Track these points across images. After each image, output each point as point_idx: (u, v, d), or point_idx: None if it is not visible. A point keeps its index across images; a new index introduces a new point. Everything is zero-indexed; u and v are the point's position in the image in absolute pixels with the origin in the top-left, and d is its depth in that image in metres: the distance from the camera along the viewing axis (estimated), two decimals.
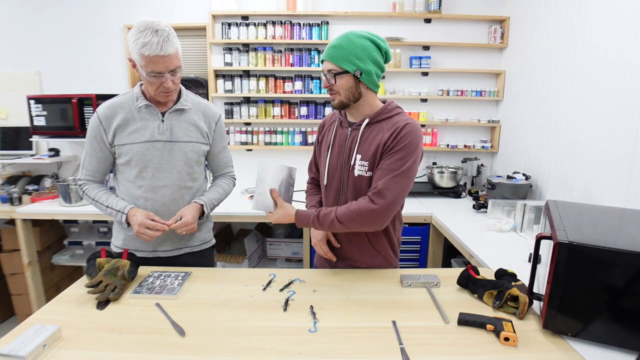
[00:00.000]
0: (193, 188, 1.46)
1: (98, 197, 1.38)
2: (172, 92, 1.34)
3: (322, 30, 2.82)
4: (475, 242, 1.79)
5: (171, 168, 1.40)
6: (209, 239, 1.58)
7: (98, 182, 1.43)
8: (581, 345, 0.93)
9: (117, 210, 1.34)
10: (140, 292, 1.16)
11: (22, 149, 2.92)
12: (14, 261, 2.54)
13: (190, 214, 1.36)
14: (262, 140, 2.98)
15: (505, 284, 1.11)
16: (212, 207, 1.48)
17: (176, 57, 1.27)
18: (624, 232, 1.06)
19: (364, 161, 1.26)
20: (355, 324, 1.02)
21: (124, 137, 1.35)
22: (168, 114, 1.39)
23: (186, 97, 1.45)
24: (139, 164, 1.36)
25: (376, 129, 1.26)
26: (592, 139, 1.88)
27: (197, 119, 1.45)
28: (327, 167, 1.35)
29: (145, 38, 1.19)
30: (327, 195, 1.38)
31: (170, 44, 1.22)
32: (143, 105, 1.36)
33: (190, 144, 1.42)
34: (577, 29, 2.01)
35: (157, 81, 1.27)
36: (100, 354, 0.89)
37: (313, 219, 1.24)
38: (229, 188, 1.59)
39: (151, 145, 1.36)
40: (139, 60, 1.23)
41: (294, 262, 2.80)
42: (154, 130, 1.36)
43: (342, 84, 1.21)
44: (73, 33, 2.92)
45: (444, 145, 2.96)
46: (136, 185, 1.38)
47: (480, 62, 2.92)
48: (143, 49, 1.19)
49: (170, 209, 1.41)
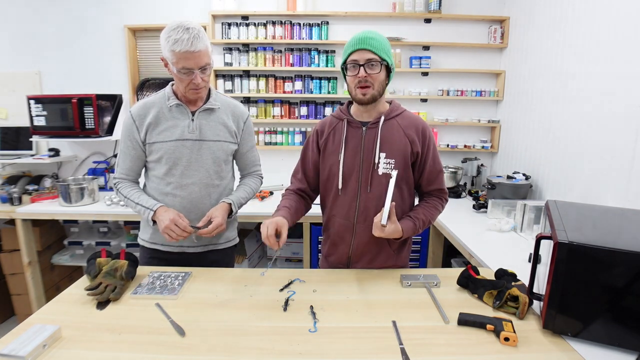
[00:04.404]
0: (220, 186, 1.49)
1: (130, 195, 1.40)
2: (202, 89, 1.36)
3: (322, 30, 2.82)
4: (475, 242, 1.79)
5: (199, 166, 1.42)
6: (233, 237, 1.61)
7: (132, 181, 1.46)
8: (581, 345, 0.93)
9: (146, 207, 1.37)
10: (140, 293, 1.16)
11: (22, 149, 2.93)
12: (14, 261, 2.54)
13: (220, 215, 1.38)
14: (262, 140, 2.98)
15: (505, 284, 1.11)
16: (239, 205, 1.50)
17: (206, 54, 1.31)
18: (624, 232, 1.06)
19: (390, 159, 1.27)
20: (355, 324, 1.02)
21: (155, 135, 1.39)
22: (198, 113, 1.41)
23: (216, 96, 1.47)
24: (168, 161, 1.40)
25: (391, 126, 1.29)
26: (592, 139, 1.88)
27: (226, 118, 1.47)
28: (342, 170, 1.31)
29: (177, 35, 1.24)
30: (343, 199, 1.33)
31: (200, 41, 1.27)
32: (174, 105, 1.40)
33: (218, 143, 1.45)
34: (577, 29, 2.01)
35: (188, 78, 1.30)
36: (100, 354, 0.89)
37: (416, 229, 1.30)
38: (256, 187, 1.61)
39: (181, 144, 1.39)
40: (171, 57, 1.27)
41: (294, 262, 2.80)
42: (184, 129, 1.40)
43: (379, 76, 1.22)
44: (73, 33, 2.92)
45: (444, 145, 2.96)
46: (165, 182, 1.42)
47: (480, 62, 2.92)
48: (174, 46, 1.24)
49: (198, 206, 1.44)
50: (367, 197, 1.30)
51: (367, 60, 1.19)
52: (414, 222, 1.30)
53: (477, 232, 1.96)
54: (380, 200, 1.29)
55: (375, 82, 1.21)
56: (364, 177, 1.29)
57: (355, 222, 1.33)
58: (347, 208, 1.33)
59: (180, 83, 1.34)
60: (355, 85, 1.22)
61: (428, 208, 1.36)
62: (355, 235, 1.35)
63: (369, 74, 1.20)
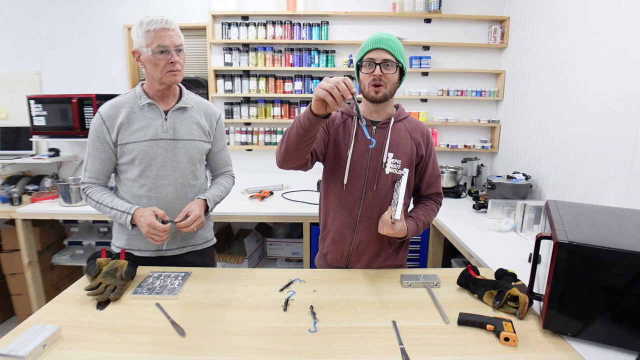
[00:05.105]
0: (196, 186, 1.47)
1: (102, 200, 1.35)
2: (179, 72, 1.34)
3: (322, 30, 2.82)
4: (475, 242, 1.79)
5: (175, 166, 1.40)
6: (211, 237, 1.59)
7: (101, 185, 1.41)
8: (581, 345, 0.93)
9: (122, 212, 1.32)
10: (141, 293, 1.16)
11: (22, 149, 2.93)
12: (14, 261, 2.53)
13: (198, 209, 1.36)
14: (262, 140, 2.98)
15: (505, 284, 1.11)
16: (214, 203, 1.48)
17: (180, 36, 1.33)
18: (624, 232, 1.06)
19: (397, 159, 1.29)
20: (355, 324, 1.02)
21: (127, 135, 1.35)
22: (171, 113, 1.39)
23: (187, 95, 1.46)
24: (142, 162, 1.36)
25: (399, 128, 1.33)
26: (592, 139, 1.88)
27: (199, 118, 1.45)
28: (349, 166, 1.31)
29: (150, 18, 1.27)
30: (347, 196, 1.33)
31: (173, 22, 1.31)
32: (146, 104, 1.37)
33: (193, 142, 1.43)
34: (577, 29, 2.01)
35: (164, 58, 1.29)
36: (100, 354, 0.89)
37: (418, 230, 1.33)
38: (229, 186, 1.59)
39: (155, 144, 1.36)
40: (145, 39, 1.27)
41: (294, 262, 2.80)
42: (158, 128, 1.37)
43: (393, 77, 1.25)
44: (73, 33, 2.92)
45: (444, 145, 2.96)
46: (139, 184, 1.38)
47: (480, 62, 2.92)
48: (149, 25, 1.26)
49: (174, 207, 1.40)
50: (372, 195, 1.31)
51: (384, 60, 1.22)
52: (416, 223, 1.32)
53: (477, 232, 1.96)
54: (385, 199, 1.31)
55: (388, 82, 1.24)
56: (371, 175, 1.30)
57: (358, 220, 1.34)
58: (351, 205, 1.33)
59: (155, 69, 1.30)
60: (369, 83, 1.24)
61: (427, 210, 1.39)
62: (357, 233, 1.35)
63: (384, 74, 1.22)
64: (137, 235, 1.40)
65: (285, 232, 2.97)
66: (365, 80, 1.25)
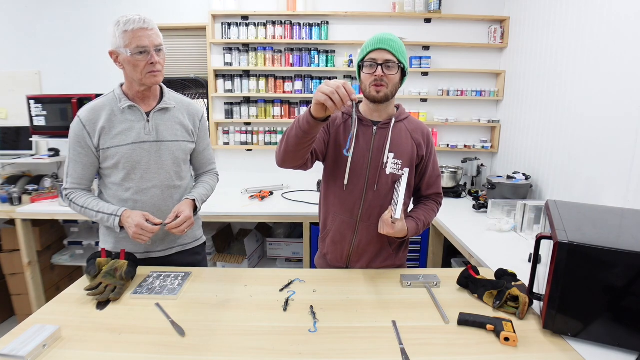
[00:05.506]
0: (181, 187, 1.45)
1: (87, 204, 1.32)
2: (159, 73, 1.31)
3: (322, 30, 2.82)
4: (475, 242, 1.79)
5: (159, 168, 1.38)
6: (200, 236, 1.58)
7: (84, 190, 1.37)
8: (581, 345, 0.93)
9: (109, 214, 1.29)
10: (140, 293, 1.16)
11: (22, 149, 2.92)
12: (14, 261, 2.53)
13: (188, 209, 1.35)
14: (262, 140, 2.98)
15: (505, 284, 1.11)
16: (202, 202, 1.47)
17: (159, 35, 1.29)
18: (624, 232, 1.06)
19: (397, 159, 1.29)
20: (355, 324, 1.02)
21: (110, 139, 1.31)
22: (153, 114, 1.36)
23: (169, 95, 1.43)
24: (126, 166, 1.33)
25: (400, 128, 1.33)
26: (592, 139, 1.88)
27: (182, 117, 1.43)
28: (349, 166, 1.29)
29: (127, 17, 1.24)
30: (347, 196, 1.33)
31: (151, 22, 1.27)
32: (127, 106, 1.33)
33: (177, 143, 1.41)
34: (577, 29, 2.01)
35: (144, 59, 1.25)
36: (100, 354, 0.89)
37: (418, 230, 1.33)
38: (214, 184, 1.59)
39: (138, 147, 1.33)
40: (123, 40, 1.24)
41: (294, 262, 2.80)
42: (140, 131, 1.34)
43: (394, 77, 1.25)
44: (73, 33, 2.92)
45: (444, 145, 2.96)
46: (124, 188, 1.35)
47: (480, 62, 2.92)
48: (127, 26, 1.23)
49: (161, 209, 1.39)
50: (373, 195, 1.31)
51: (386, 60, 1.22)
52: (416, 223, 1.32)
53: (477, 232, 1.96)
54: (385, 199, 1.31)
55: (390, 82, 1.24)
56: (372, 175, 1.30)
57: (358, 220, 1.34)
58: (351, 205, 1.33)
59: (135, 70, 1.27)
60: (371, 83, 1.24)
61: (427, 210, 1.39)
62: (357, 233, 1.35)
63: (385, 74, 1.22)
64: (125, 237, 1.37)
65: (285, 232, 2.97)
66: (366, 80, 1.25)
